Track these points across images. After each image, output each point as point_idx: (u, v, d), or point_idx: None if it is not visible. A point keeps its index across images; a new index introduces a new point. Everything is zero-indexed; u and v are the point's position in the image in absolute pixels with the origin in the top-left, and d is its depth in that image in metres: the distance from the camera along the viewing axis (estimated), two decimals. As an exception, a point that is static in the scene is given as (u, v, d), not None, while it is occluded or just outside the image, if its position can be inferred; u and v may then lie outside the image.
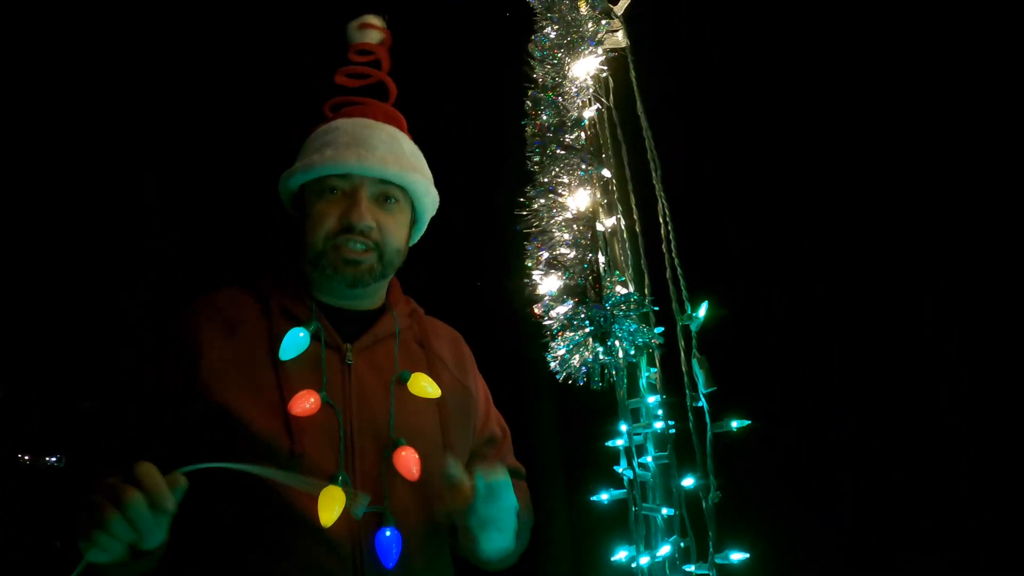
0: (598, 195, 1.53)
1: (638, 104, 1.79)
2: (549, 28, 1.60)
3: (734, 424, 1.70)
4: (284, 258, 1.49)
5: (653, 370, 1.78)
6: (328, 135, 1.42)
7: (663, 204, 1.65)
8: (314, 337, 1.32)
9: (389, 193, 1.40)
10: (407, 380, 1.35)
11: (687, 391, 1.66)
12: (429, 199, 1.48)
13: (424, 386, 1.35)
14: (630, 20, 2.12)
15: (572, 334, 1.35)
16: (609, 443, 1.84)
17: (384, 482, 1.25)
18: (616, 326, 1.34)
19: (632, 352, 1.43)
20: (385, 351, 1.40)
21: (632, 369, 1.78)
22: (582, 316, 1.35)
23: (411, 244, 1.52)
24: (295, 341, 1.29)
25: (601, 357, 1.38)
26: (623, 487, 1.83)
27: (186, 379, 1.26)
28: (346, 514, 1.17)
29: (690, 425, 1.67)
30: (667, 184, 1.78)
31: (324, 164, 1.37)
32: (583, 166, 1.45)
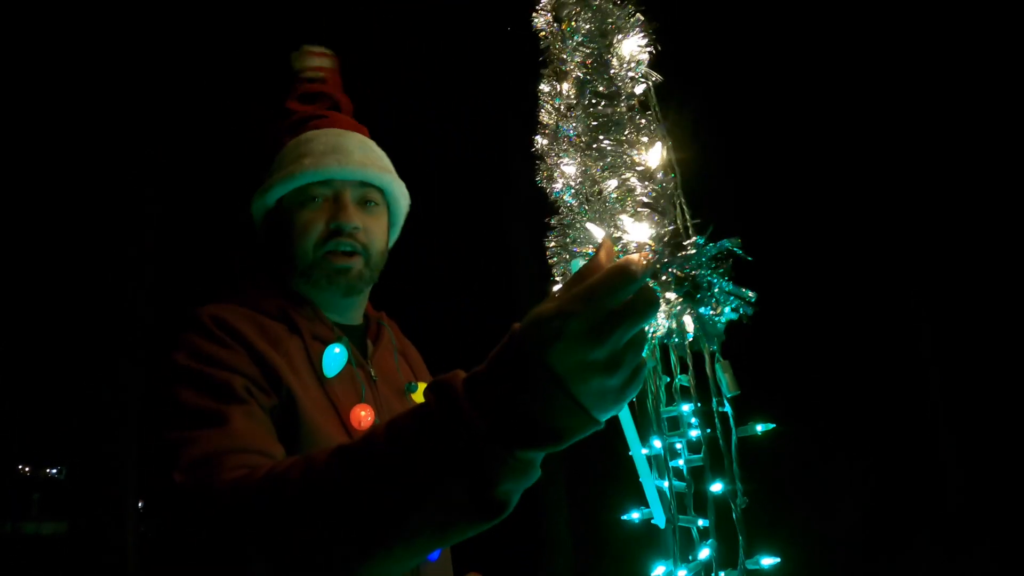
0: (671, 147, 1.48)
1: (655, 111, 1.79)
2: (583, 21, 1.59)
3: (759, 428, 1.69)
4: (271, 275, 1.48)
5: (683, 377, 1.77)
6: (303, 146, 1.44)
7: (684, 210, 1.65)
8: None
9: (369, 196, 1.44)
10: (415, 391, 1.42)
11: (713, 396, 1.65)
12: (404, 201, 1.54)
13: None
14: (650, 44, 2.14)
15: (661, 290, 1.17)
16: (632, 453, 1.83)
17: None
18: (710, 281, 1.17)
19: (724, 319, 1.27)
20: (387, 363, 1.46)
21: (653, 376, 1.77)
22: (676, 268, 1.15)
23: (390, 247, 1.57)
24: (334, 357, 1.30)
25: (688, 320, 1.23)
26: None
27: (259, 369, 1.22)
28: None
29: (716, 431, 1.67)
30: (686, 191, 1.79)
31: (304, 172, 1.38)
32: (652, 126, 1.44)
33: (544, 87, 1.81)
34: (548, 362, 0.66)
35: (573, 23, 1.54)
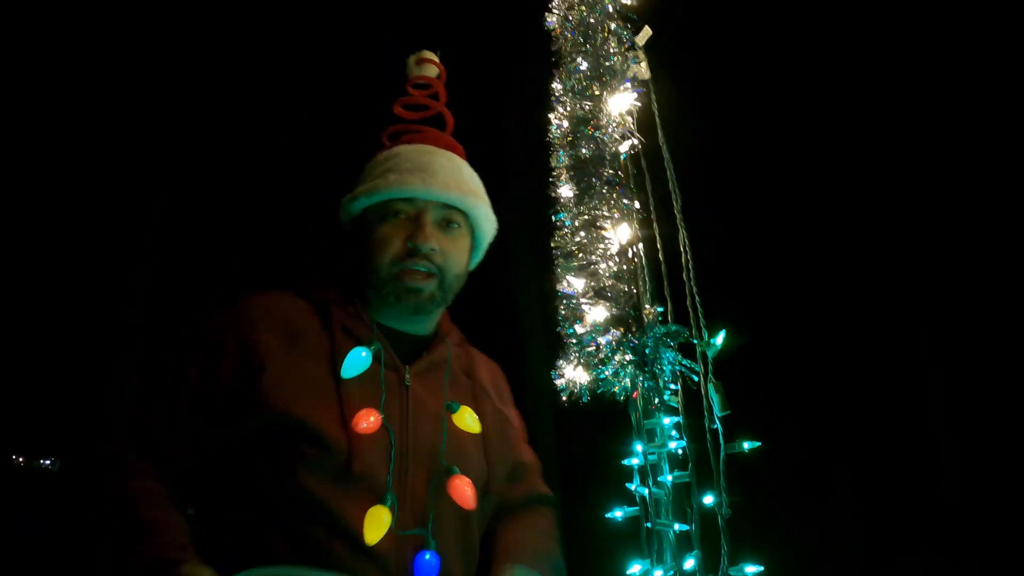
0: (637, 227, 1.58)
1: (659, 135, 1.84)
2: (581, 60, 1.64)
3: (746, 445, 1.77)
4: (341, 273, 1.49)
5: (674, 386, 1.84)
6: (391, 160, 1.44)
7: (684, 234, 1.72)
8: (374, 357, 1.33)
9: (451, 218, 1.42)
10: (455, 411, 1.37)
11: (705, 413, 1.73)
12: (489, 224, 1.51)
13: (468, 420, 1.37)
14: (649, 50, 2.17)
15: (618, 358, 1.40)
16: (625, 461, 1.91)
17: (430, 506, 1.27)
18: (658, 355, 1.38)
19: (670, 379, 1.49)
20: (437, 377, 1.42)
21: (649, 392, 1.84)
22: (628, 345, 1.39)
23: (470, 269, 1.53)
24: (357, 360, 1.30)
25: (640, 382, 1.44)
26: (633, 504, 1.90)
27: (246, 385, 1.25)
28: (390, 534, 1.20)
29: (708, 445, 1.75)
30: (686, 207, 1.84)
31: (389, 188, 1.39)
32: (624, 200, 1.51)
33: (556, 84, 1.85)
34: None
35: (571, 64, 1.59)
